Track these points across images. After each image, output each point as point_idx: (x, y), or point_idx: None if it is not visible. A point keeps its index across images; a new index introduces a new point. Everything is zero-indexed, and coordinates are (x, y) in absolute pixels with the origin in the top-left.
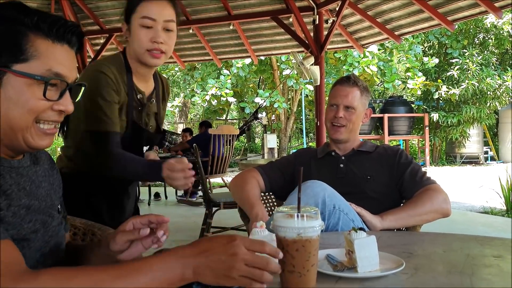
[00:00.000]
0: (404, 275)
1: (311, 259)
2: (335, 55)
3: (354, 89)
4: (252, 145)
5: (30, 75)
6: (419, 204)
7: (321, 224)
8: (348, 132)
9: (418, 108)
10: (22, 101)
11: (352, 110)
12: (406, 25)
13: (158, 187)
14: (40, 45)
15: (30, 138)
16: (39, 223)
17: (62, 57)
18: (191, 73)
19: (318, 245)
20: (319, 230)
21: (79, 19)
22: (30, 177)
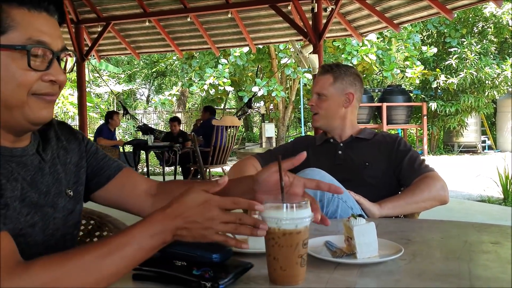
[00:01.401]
0: (403, 261)
1: (294, 252)
2: (333, 43)
3: (326, 76)
4: (250, 134)
5: (10, 47)
6: (417, 191)
7: (303, 217)
8: (323, 119)
9: (417, 97)
10: (9, 76)
11: (323, 97)
12: (405, 14)
13: (157, 175)
14: (16, 15)
15: (29, 112)
16: (38, 216)
17: (42, 25)
18: (189, 62)
19: (301, 238)
20: (300, 222)
21: (76, 7)
22: (34, 166)
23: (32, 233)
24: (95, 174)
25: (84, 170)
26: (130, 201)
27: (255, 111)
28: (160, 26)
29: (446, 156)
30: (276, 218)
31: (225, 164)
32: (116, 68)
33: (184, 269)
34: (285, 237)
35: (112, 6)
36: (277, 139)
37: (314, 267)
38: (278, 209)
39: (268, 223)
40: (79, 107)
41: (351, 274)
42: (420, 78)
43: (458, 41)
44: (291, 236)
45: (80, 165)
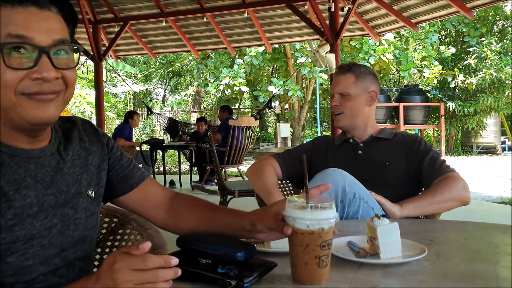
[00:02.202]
0: (427, 261)
1: (304, 252)
2: (350, 43)
3: (347, 75)
4: (265, 134)
5: None
6: (438, 192)
7: (315, 218)
8: (349, 118)
9: (434, 97)
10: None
11: (347, 96)
12: (423, 13)
13: (173, 174)
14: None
15: (23, 113)
16: (57, 219)
17: (24, 20)
18: (204, 62)
19: (314, 239)
20: (313, 224)
21: (93, 7)
22: (53, 166)
23: (48, 235)
24: (119, 181)
25: (105, 172)
26: (147, 211)
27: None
28: (176, 26)
29: (464, 157)
30: (291, 217)
31: (240, 164)
32: (132, 68)
33: (209, 267)
34: (297, 236)
35: (129, 6)
36: (292, 139)
37: (337, 267)
38: (294, 208)
39: (288, 221)
40: (96, 106)
41: (375, 274)
42: (438, 78)
43: (477, 40)
44: (303, 236)
45: (102, 167)
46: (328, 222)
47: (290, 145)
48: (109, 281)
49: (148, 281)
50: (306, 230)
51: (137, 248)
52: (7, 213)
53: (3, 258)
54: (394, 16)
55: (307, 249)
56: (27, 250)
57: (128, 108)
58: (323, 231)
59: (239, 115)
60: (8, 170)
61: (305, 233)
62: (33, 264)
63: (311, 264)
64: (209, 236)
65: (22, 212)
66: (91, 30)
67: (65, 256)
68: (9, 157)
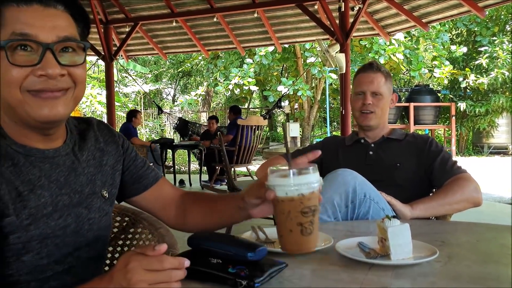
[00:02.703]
0: (438, 263)
1: (287, 219)
2: (360, 42)
3: (378, 75)
4: (274, 133)
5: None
6: (450, 193)
7: (290, 184)
8: (378, 118)
9: (445, 97)
10: (3, 76)
11: (379, 96)
12: (434, 12)
13: (183, 174)
14: (6, 13)
15: (30, 110)
16: (71, 218)
17: (29, 17)
18: (214, 62)
19: (295, 206)
20: (291, 190)
21: (105, 8)
22: (67, 166)
23: (62, 235)
24: (134, 181)
25: (119, 173)
26: (160, 211)
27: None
28: (187, 26)
29: (475, 157)
30: (271, 186)
31: (250, 164)
32: (143, 68)
33: (220, 266)
34: (279, 204)
35: (140, 7)
36: (302, 139)
37: (348, 268)
38: (275, 177)
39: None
40: (107, 106)
41: (386, 275)
42: (448, 78)
43: (489, 39)
44: (283, 204)
45: (116, 168)
46: (308, 187)
47: (299, 145)
48: (123, 281)
49: (162, 281)
50: (286, 197)
51: (153, 249)
52: (22, 213)
53: (19, 257)
54: (405, 15)
55: (289, 217)
56: (42, 249)
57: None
58: (303, 197)
59: (248, 115)
60: (23, 170)
61: (285, 200)
62: (47, 263)
63: (294, 232)
64: (220, 236)
65: (36, 212)
66: (102, 30)
67: (78, 256)
68: (24, 157)
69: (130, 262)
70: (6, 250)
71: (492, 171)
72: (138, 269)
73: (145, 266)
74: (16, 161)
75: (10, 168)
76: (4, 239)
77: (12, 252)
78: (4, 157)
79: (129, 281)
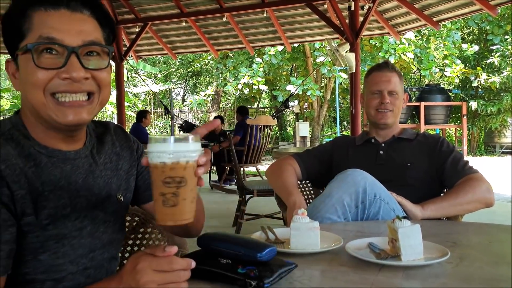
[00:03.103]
0: (449, 264)
1: (155, 188)
2: (370, 41)
3: (394, 74)
4: (284, 133)
5: (20, 49)
6: (461, 193)
7: (156, 151)
8: (394, 116)
9: (456, 96)
10: (28, 78)
11: (396, 95)
12: (445, 11)
13: None
14: (34, 17)
15: (53, 115)
16: (88, 220)
17: (55, 22)
18: (223, 62)
19: (159, 173)
20: (156, 156)
21: (115, 8)
22: (85, 169)
23: (78, 236)
24: (146, 188)
25: (134, 178)
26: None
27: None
28: (196, 26)
29: (487, 157)
30: (147, 151)
31: (259, 164)
32: (153, 68)
33: (229, 267)
34: (149, 169)
35: (150, 7)
36: (311, 139)
37: (358, 269)
38: (153, 142)
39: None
40: (117, 106)
41: (396, 276)
42: (459, 77)
43: (501, 38)
44: (151, 170)
45: (130, 173)
46: (170, 156)
47: (309, 145)
48: (133, 282)
49: (171, 281)
50: (151, 163)
51: (163, 251)
52: (41, 213)
53: (36, 256)
54: (415, 14)
55: (154, 184)
56: (58, 249)
57: (148, 108)
58: (165, 166)
59: (257, 115)
60: (44, 171)
61: (151, 167)
62: (63, 263)
63: (158, 201)
64: (230, 236)
65: (55, 213)
66: None
67: (93, 257)
68: (47, 157)
69: (139, 263)
70: (24, 248)
71: (504, 171)
72: (147, 270)
73: (155, 267)
74: (39, 161)
75: (32, 169)
76: (23, 238)
77: (30, 251)
78: (27, 157)
79: (138, 282)
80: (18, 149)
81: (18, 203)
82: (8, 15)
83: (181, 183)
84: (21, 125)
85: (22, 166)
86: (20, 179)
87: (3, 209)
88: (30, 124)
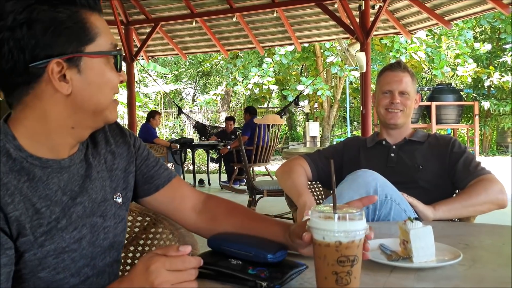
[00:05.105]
0: (462, 266)
1: (323, 265)
2: (381, 41)
3: (406, 74)
4: (294, 133)
5: (105, 53)
6: (474, 194)
7: (329, 229)
8: (405, 117)
9: (468, 96)
10: (105, 81)
11: (407, 95)
12: (456, 10)
13: (202, 173)
14: (95, 21)
15: (109, 114)
16: (86, 229)
17: (107, 27)
18: (233, 62)
19: (331, 252)
20: (328, 235)
21: (125, 9)
22: (81, 175)
23: (78, 248)
24: (145, 181)
25: (133, 175)
26: (176, 214)
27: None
28: (206, 27)
29: (499, 157)
30: (310, 227)
31: (268, 163)
32: (163, 69)
33: (240, 267)
34: (315, 247)
35: (160, 8)
36: (322, 139)
37: (369, 270)
38: (316, 218)
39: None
40: (128, 106)
41: (408, 278)
42: (472, 76)
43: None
44: (320, 248)
45: (129, 170)
46: (347, 235)
47: (319, 145)
48: (146, 283)
49: (184, 280)
50: (322, 242)
51: (177, 250)
52: (37, 231)
53: (35, 273)
54: (427, 13)
55: (325, 262)
56: (58, 265)
57: (158, 108)
58: (340, 245)
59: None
60: (39, 185)
61: (321, 245)
62: (64, 277)
63: (329, 279)
64: (240, 237)
65: (51, 228)
66: (123, 31)
67: (94, 264)
68: (41, 169)
69: (152, 264)
70: (22, 267)
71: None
72: (161, 270)
73: (168, 267)
74: (32, 175)
75: (26, 183)
76: (20, 257)
77: (28, 269)
78: (20, 172)
79: (153, 283)
80: (9, 163)
81: (13, 225)
82: (65, 20)
83: (354, 261)
84: (10, 135)
85: (15, 184)
86: (14, 199)
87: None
88: (25, 133)
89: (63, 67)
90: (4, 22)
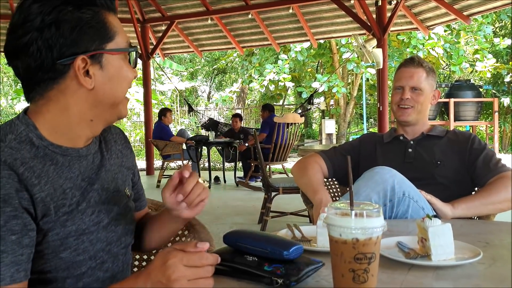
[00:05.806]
0: (482, 265)
1: (341, 262)
2: (398, 37)
3: (419, 70)
4: (310, 130)
5: (124, 50)
6: (494, 192)
7: (346, 226)
8: (416, 114)
9: (487, 92)
10: (123, 76)
11: (419, 91)
12: (476, 5)
13: (218, 171)
14: (113, 20)
15: (122, 109)
16: (103, 214)
17: (122, 26)
18: (249, 59)
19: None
20: (345, 232)
21: (142, 7)
22: (96, 164)
23: (95, 231)
24: (136, 199)
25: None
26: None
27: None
28: (222, 24)
29: None
30: (326, 223)
31: (285, 161)
32: (179, 66)
33: (256, 264)
34: (332, 243)
35: (176, 5)
36: (338, 136)
37: (387, 268)
38: (333, 214)
39: (327, 228)
40: (144, 103)
41: (426, 276)
42: (491, 72)
43: None
44: (337, 245)
45: (130, 171)
46: (364, 232)
47: (335, 142)
48: (163, 278)
49: (201, 276)
50: (339, 239)
51: (195, 246)
52: (60, 211)
53: (57, 254)
54: (445, 8)
55: (342, 259)
56: (78, 246)
57: (174, 106)
58: (357, 242)
59: (283, 112)
60: (63, 169)
61: (338, 242)
62: (83, 259)
63: (346, 277)
64: (256, 234)
65: (72, 210)
66: (139, 29)
67: (109, 250)
68: (62, 157)
69: (170, 259)
70: (45, 247)
71: None
72: (178, 265)
73: (186, 262)
74: (56, 161)
75: (52, 167)
76: (43, 237)
77: (51, 249)
78: (44, 158)
79: (170, 277)
80: (33, 150)
81: (38, 206)
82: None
83: (372, 258)
84: (32, 125)
85: (41, 167)
86: (41, 181)
87: (24, 214)
88: (46, 124)
89: (87, 63)
90: (31, 23)
